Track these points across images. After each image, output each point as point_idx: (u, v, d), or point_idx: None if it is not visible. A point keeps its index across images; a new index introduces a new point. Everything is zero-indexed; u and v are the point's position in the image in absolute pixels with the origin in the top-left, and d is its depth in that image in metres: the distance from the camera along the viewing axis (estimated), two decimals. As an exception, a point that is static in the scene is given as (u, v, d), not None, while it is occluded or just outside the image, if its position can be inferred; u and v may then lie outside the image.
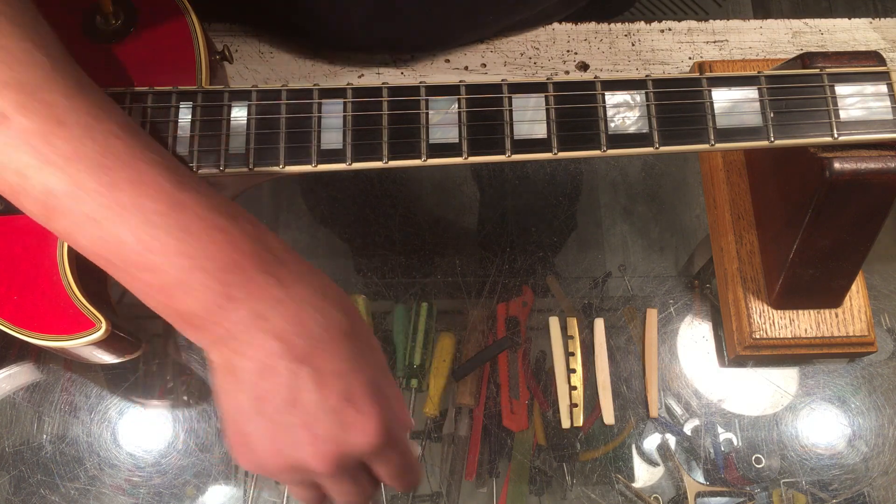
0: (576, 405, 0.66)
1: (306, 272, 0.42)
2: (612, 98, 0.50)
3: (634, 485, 0.64)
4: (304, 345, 0.40)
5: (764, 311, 0.63)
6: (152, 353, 0.66)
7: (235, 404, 0.41)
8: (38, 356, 0.65)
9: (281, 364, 0.40)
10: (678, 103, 0.50)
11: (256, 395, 0.40)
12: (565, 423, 0.65)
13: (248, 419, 0.41)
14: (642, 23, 0.75)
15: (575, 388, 0.66)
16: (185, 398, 0.65)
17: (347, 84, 0.50)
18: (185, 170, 0.42)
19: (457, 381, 0.67)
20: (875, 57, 0.52)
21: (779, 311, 0.63)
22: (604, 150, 0.49)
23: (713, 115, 0.50)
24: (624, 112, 0.50)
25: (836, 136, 0.49)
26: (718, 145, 0.49)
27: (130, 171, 0.39)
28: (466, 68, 0.73)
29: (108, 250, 0.40)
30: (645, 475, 0.65)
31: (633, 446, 0.65)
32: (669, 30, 0.75)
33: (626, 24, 0.74)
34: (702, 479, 0.64)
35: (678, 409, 0.66)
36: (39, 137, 0.38)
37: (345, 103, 0.50)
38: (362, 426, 0.40)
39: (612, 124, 0.50)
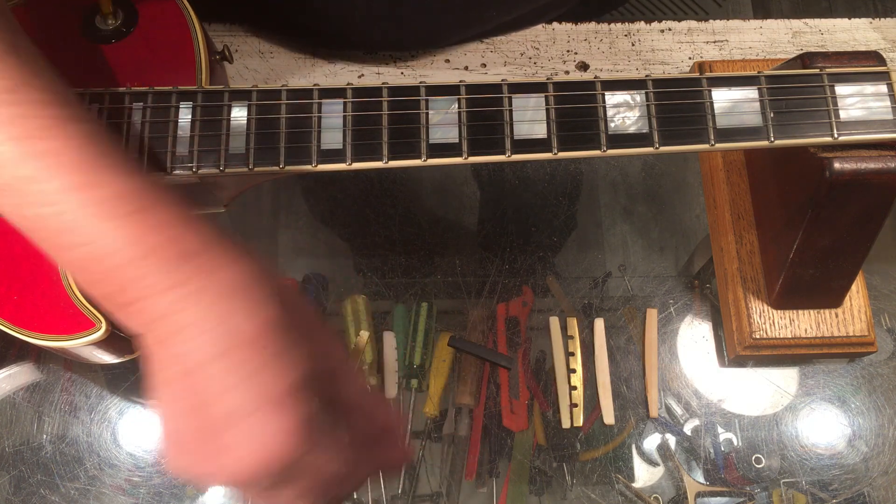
0: (576, 405, 0.66)
1: (234, 261, 0.39)
2: (612, 98, 0.50)
3: (634, 485, 0.64)
4: (224, 338, 0.37)
5: (764, 311, 0.63)
6: (152, 353, 0.66)
7: (163, 400, 0.38)
8: (38, 356, 0.65)
9: (202, 359, 0.37)
10: (678, 103, 0.50)
11: (180, 393, 0.37)
12: (565, 423, 0.65)
13: (174, 417, 0.38)
14: (642, 23, 0.75)
15: (575, 388, 0.66)
16: (185, 398, 0.65)
17: (347, 84, 0.50)
18: (110, 144, 0.40)
19: (450, 346, 0.67)
20: (875, 57, 0.52)
21: (779, 311, 0.63)
22: (604, 150, 0.49)
23: (713, 115, 0.50)
24: (624, 112, 0.50)
25: (836, 136, 0.49)
26: (718, 145, 0.49)
27: (49, 143, 0.38)
28: (466, 68, 0.73)
29: (28, 224, 0.39)
30: (645, 475, 0.65)
31: (633, 446, 0.65)
32: (669, 30, 0.75)
33: (626, 24, 0.74)
34: (702, 479, 0.64)
35: (678, 409, 0.66)
36: None
37: (345, 103, 0.50)
38: (258, 444, 0.36)
39: (612, 124, 0.50)
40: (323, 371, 0.40)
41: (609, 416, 0.65)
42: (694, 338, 0.68)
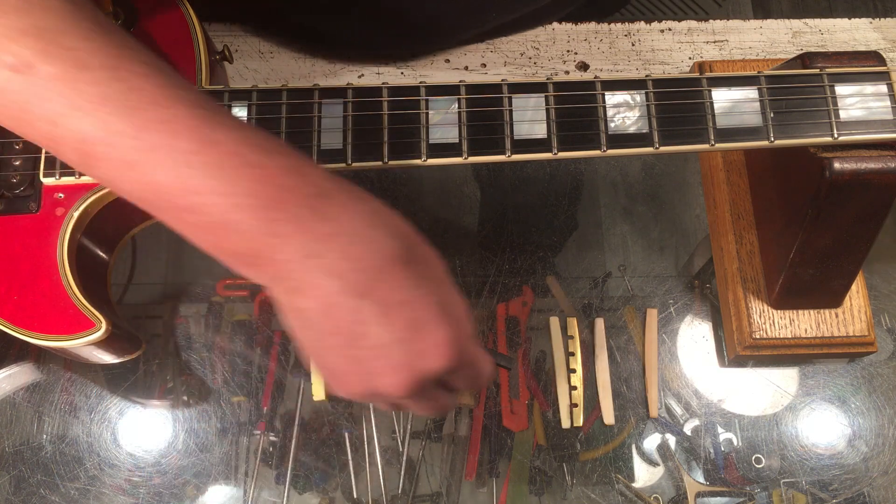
0: (576, 405, 0.66)
1: (353, 201, 0.40)
2: (612, 98, 0.50)
3: (634, 485, 0.64)
4: (362, 279, 0.39)
5: (764, 311, 0.63)
6: (152, 353, 0.66)
7: (308, 341, 0.41)
8: (38, 356, 0.65)
9: (342, 302, 0.39)
10: (678, 103, 0.50)
11: (323, 333, 0.40)
12: (565, 423, 0.65)
13: (321, 354, 0.41)
14: (642, 23, 0.75)
15: (575, 388, 0.66)
16: (185, 398, 0.65)
17: (347, 84, 0.50)
18: (216, 106, 0.40)
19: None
20: (875, 57, 0.52)
21: (779, 311, 0.63)
22: (604, 150, 0.49)
23: (713, 115, 0.50)
24: (624, 112, 0.50)
25: (836, 136, 0.49)
26: (718, 145, 0.50)
27: (159, 111, 0.38)
28: (466, 68, 0.73)
29: (148, 193, 0.39)
30: (645, 475, 0.65)
31: (633, 446, 0.65)
32: (669, 30, 0.75)
33: (626, 24, 0.74)
34: (702, 479, 0.64)
35: (678, 409, 0.66)
36: (65, 83, 0.37)
37: (345, 103, 0.50)
38: (433, 351, 0.40)
39: (612, 124, 0.50)
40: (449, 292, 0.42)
41: (609, 416, 0.65)
42: (694, 338, 0.68)
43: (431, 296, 0.40)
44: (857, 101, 0.50)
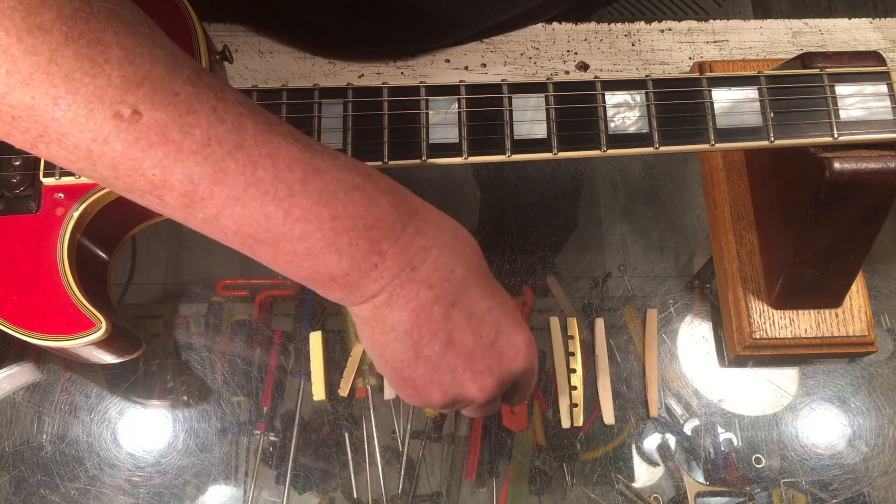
0: (576, 405, 0.66)
1: (439, 217, 0.43)
2: (612, 98, 0.50)
3: (634, 485, 0.64)
4: (452, 289, 0.42)
5: (764, 311, 0.63)
6: (152, 353, 0.66)
7: (393, 354, 0.43)
8: (38, 356, 0.65)
9: (434, 310, 0.41)
10: (678, 103, 0.50)
11: (414, 342, 0.42)
12: (565, 423, 0.65)
13: (409, 365, 0.43)
14: (642, 23, 0.75)
15: (575, 388, 0.66)
16: (185, 398, 0.65)
17: (347, 84, 0.50)
18: (308, 137, 0.42)
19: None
20: (875, 57, 0.52)
21: (779, 311, 0.63)
22: (604, 150, 0.49)
23: (713, 115, 0.50)
24: (624, 112, 0.50)
25: (836, 136, 0.49)
26: (718, 145, 0.50)
27: (265, 146, 0.39)
28: (466, 68, 0.73)
29: (254, 228, 0.40)
30: (645, 475, 0.65)
31: (633, 446, 0.65)
32: (669, 30, 0.75)
33: (626, 24, 0.74)
34: (702, 479, 0.64)
35: (678, 409, 0.66)
36: (174, 128, 0.38)
37: (345, 103, 0.50)
38: (517, 353, 0.43)
39: (612, 124, 0.50)
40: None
41: (609, 416, 0.65)
42: (694, 338, 0.68)
43: (508, 303, 0.44)
44: (857, 101, 0.50)
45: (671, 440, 0.65)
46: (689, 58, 0.73)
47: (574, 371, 0.67)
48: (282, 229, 0.39)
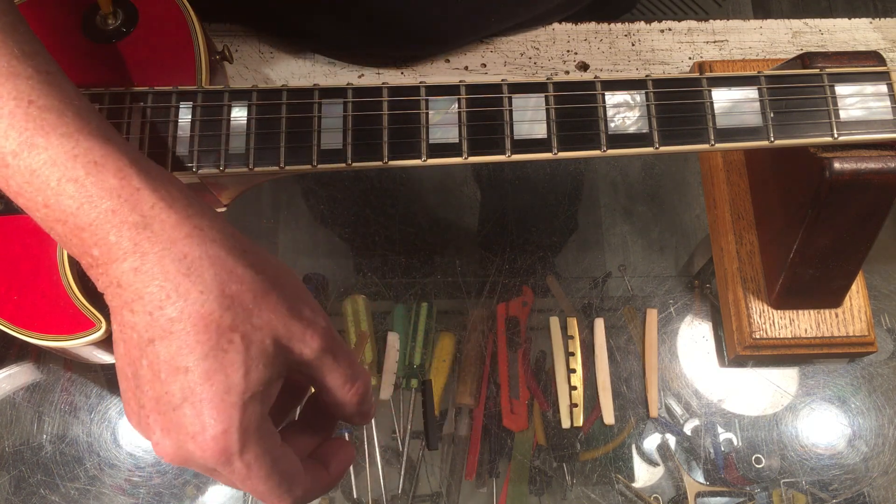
0: (576, 405, 0.66)
1: (180, 240, 0.37)
2: (612, 98, 0.50)
3: (634, 485, 0.64)
4: (154, 327, 0.36)
5: (764, 311, 0.63)
6: (152, 353, 0.66)
7: (116, 357, 0.39)
8: (38, 356, 0.65)
9: (131, 338, 0.37)
10: (678, 103, 0.50)
11: (120, 355, 0.38)
12: (565, 423, 0.65)
13: (120, 377, 0.39)
14: (642, 23, 0.75)
15: (575, 388, 0.66)
16: (185, 398, 0.65)
17: (347, 84, 0.50)
18: (63, 103, 0.39)
19: (430, 450, 0.65)
20: (875, 57, 0.52)
21: (779, 311, 0.63)
22: (604, 150, 0.49)
23: (713, 115, 0.50)
24: (624, 112, 0.50)
25: (836, 136, 0.49)
26: (718, 145, 0.49)
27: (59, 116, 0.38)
28: (466, 68, 0.73)
29: (26, 188, 0.38)
30: (645, 475, 0.65)
31: (633, 446, 0.65)
32: (669, 30, 0.75)
33: (626, 24, 0.74)
34: (702, 479, 0.64)
35: (678, 409, 0.66)
36: None
37: (345, 103, 0.50)
38: (196, 437, 0.36)
39: (612, 124, 0.50)
40: (296, 362, 0.38)
41: (609, 416, 0.65)
42: (694, 338, 0.68)
43: (224, 381, 0.36)
44: (857, 101, 0.50)
45: (671, 440, 0.65)
46: (689, 58, 0.73)
47: (574, 371, 0.67)
48: (11, 193, 0.39)
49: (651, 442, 0.65)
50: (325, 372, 0.40)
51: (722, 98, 0.50)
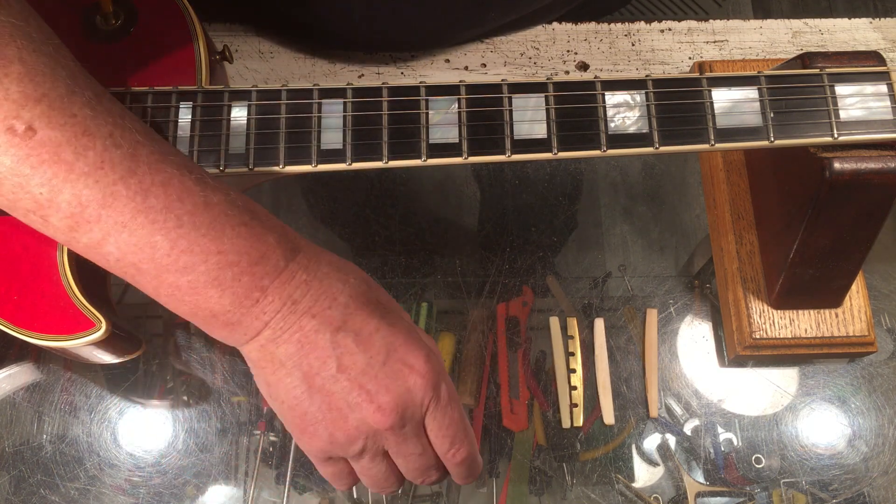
0: (576, 405, 0.66)
1: (321, 253, 0.44)
2: (612, 98, 0.50)
3: (634, 485, 0.64)
4: (335, 315, 0.42)
5: (764, 311, 0.63)
6: (152, 353, 0.66)
7: (286, 390, 0.42)
8: (38, 356, 0.65)
9: (319, 338, 0.41)
10: (678, 103, 0.50)
11: (304, 374, 0.42)
12: (565, 423, 0.65)
13: (305, 400, 0.42)
14: (642, 23, 0.75)
15: (575, 388, 0.66)
16: (185, 398, 0.65)
17: (347, 84, 0.50)
18: (202, 170, 0.43)
19: None
20: (875, 57, 0.52)
21: (779, 311, 0.63)
22: (604, 150, 0.49)
23: (713, 115, 0.50)
24: (624, 112, 0.50)
25: (836, 136, 0.49)
26: (718, 145, 0.49)
27: (158, 175, 0.39)
28: (466, 68, 0.73)
29: (138, 256, 0.40)
30: (645, 475, 0.65)
31: (633, 446, 0.65)
32: (669, 30, 0.75)
33: (626, 24, 0.74)
34: (702, 479, 0.64)
35: (678, 409, 0.66)
36: (68, 148, 0.38)
37: (345, 103, 0.50)
38: (412, 369, 0.43)
39: (612, 124, 0.50)
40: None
41: (609, 416, 0.65)
42: (694, 338, 0.68)
43: (399, 323, 0.44)
44: (857, 101, 0.50)
45: (671, 440, 0.65)
46: (689, 58, 0.73)
47: (574, 371, 0.67)
48: (166, 260, 0.39)
49: (651, 442, 0.65)
50: (427, 423, 0.45)
51: (722, 98, 0.50)
